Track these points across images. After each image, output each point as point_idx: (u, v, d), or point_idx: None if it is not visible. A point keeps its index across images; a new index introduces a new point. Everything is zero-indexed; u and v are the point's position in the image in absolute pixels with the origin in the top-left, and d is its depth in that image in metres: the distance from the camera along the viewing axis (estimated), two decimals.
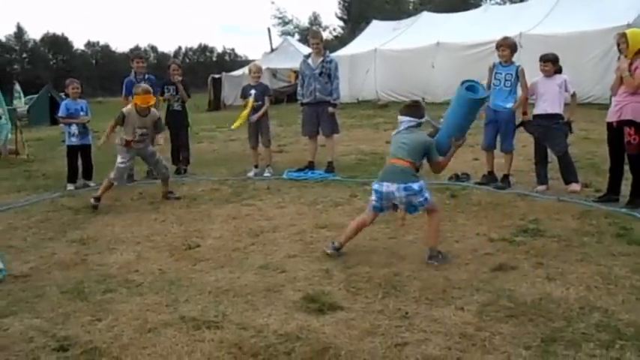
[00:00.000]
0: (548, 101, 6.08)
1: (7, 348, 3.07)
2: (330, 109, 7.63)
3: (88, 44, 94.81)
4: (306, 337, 2.99)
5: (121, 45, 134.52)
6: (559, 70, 6.15)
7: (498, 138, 6.50)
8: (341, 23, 56.66)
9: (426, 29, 20.42)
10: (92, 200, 6.29)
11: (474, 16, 20.96)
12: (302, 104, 7.95)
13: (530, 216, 5.18)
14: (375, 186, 4.21)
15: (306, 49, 26.58)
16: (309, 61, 7.73)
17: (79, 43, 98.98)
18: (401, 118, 4.33)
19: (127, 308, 3.52)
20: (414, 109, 4.39)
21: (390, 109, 17.37)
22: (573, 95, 6.24)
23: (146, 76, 8.03)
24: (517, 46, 6.51)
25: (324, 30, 56.41)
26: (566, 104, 6.19)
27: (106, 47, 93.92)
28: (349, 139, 11.13)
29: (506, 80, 6.30)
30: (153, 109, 6.64)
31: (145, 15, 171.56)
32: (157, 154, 6.75)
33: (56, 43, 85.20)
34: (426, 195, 4.11)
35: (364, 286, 3.64)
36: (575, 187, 6.00)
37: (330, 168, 7.71)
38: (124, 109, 6.52)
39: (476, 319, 3.11)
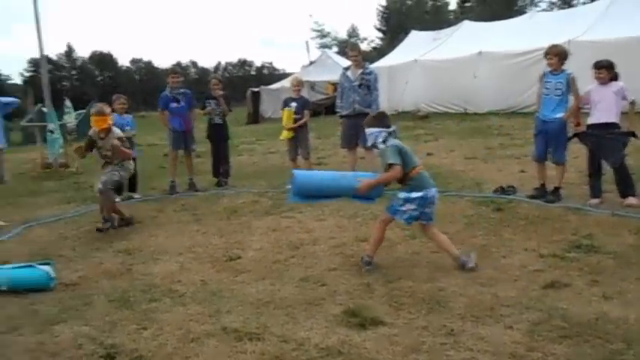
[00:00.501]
0: (604, 110, 5.83)
1: (58, 354, 3.16)
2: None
3: (133, 61, 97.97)
4: (347, 351, 2.96)
5: (163, 61, 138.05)
6: (615, 77, 5.89)
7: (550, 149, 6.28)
8: (379, 34, 56.69)
9: (468, 38, 20.14)
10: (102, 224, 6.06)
11: (519, 23, 20.46)
12: (341, 116, 7.96)
13: (583, 231, 4.93)
14: (421, 193, 4.15)
15: (344, 62, 26.74)
16: (349, 73, 7.75)
17: (124, 60, 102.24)
18: (377, 129, 4.38)
19: (171, 318, 3.57)
20: (384, 119, 4.50)
21: (431, 121, 17.23)
22: (632, 103, 5.90)
23: (182, 91, 8.19)
24: (567, 54, 6.26)
25: (362, 42, 56.69)
26: (623, 113, 5.91)
27: (149, 64, 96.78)
28: None
29: (556, 89, 6.07)
30: (113, 131, 6.26)
31: (186, 31, 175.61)
32: (115, 181, 6.29)
33: (103, 60, 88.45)
34: None
35: (407, 301, 3.59)
36: (632, 200, 5.72)
37: None
38: (90, 132, 6.34)
39: (526, 338, 3.00)
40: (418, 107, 20.03)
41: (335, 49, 52.27)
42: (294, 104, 7.95)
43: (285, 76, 42.44)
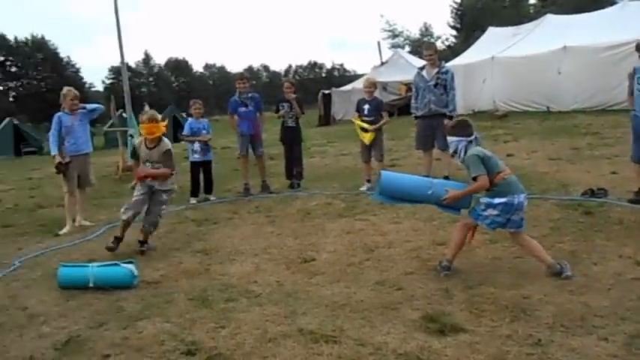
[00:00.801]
0: None
1: (142, 349, 3.26)
2: (447, 121, 7.40)
3: (206, 66, 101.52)
4: (427, 358, 2.87)
5: (235, 66, 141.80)
6: None
7: None
8: (454, 32, 55.34)
9: (551, 32, 19.13)
10: (110, 243, 5.45)
11: (608, 14, 19.18)
12: (416, 117, 7.81)
13: None
14: (504, 199, 3.93)
15: (416, 61, 26.36)
16: (424, 72, 7.60)
17: (198, 66, 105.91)
18: (456, 138, 4.23)
19: (248, 317, 3.61)
20: (466, 127, 4.25)
21: (510, 120, 16.61)
22: None
23: (250, 95, 8.34)
24: None
25: (435, 40, 55.58)
26: None
27: (222, 68, 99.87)
28: None
29: None
30: (164, 140, 5.64)
31: (258, 36, 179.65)
32: (163, 201, 5.71)
33: (178, 66, 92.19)
34: None
35: (489, 308, 3.43)
36: None
37: None
38: (135, 141, 5.90)
39: (623, 351, 2.78)
40: (496, 106, 19.37)
41: (407, 48, 51.60)
42: (366, 106, 7.90)
43: (356, 77, 42.42)
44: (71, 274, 4.53)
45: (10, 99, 65.95)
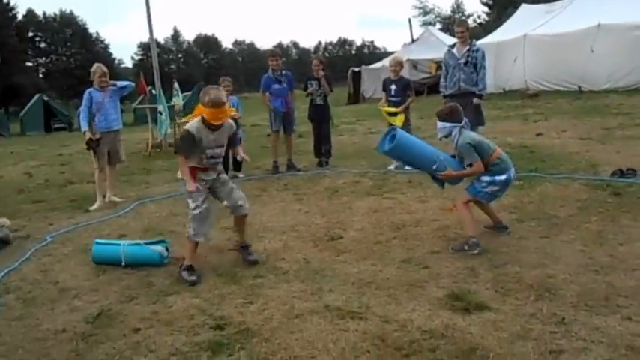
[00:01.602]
0: None
1: (172, 323, 3.37)
2: (476, 100, 7.31)
3: (235, 43, 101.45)
4: (451, 335, 2.90)
5: (265, 42, 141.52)
6: None
7: None
8: (486, 9, 54.16)
9: (585, 10, 18.56)
10: (186, 274, 4.16)
11: None
12: (444, 96, 7.73)
13: None
14: (504, 176, 4.25)
15: (448, 39, 25.94)
16: (454, 50, 7.48)
17: (227, 43, 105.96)
18: (449, 124, 4.43)
19: (276, 294, 3.69)
20: (458, 113, 4.46)
21: (541, 99, 16.31)
22: None
23: (283, 72, 8.36)
24: None
25: (467, 18, 54.49)
26: None
27: (252, 45, 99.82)
28: (495, 131, 10.57)
29: None
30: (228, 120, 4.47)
31: (287, 12, 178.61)
32: (230, 181, 4.72)
33: (207, 43, 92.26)
34: None
35: (514, 287, 3.44)
36: None
37: None
38: (193, 129, 4.23)
39: None
40: (527, 85, 19.01)
41: (438, 26, 50.81)
42: (393, 86, 7.85)
43: (386, 55, 42.02)
44: (104, 251, 4.67)
45: (40, 75, 67.09)
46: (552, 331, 2.84)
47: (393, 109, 7.80)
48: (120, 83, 7.40)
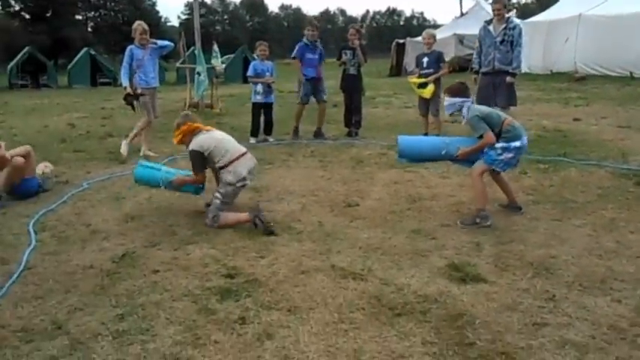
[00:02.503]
0: None
1: (188, 269, 3.63)
2: (509, 78, 7.22)
3: (282, 7, 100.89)
4: (443, 301, 3.05)
5: (312, 8, 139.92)
6: None
7: None
8: None
9: None
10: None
11: None
12: (476, 72, 7.67)
13: None
14: (518, 143, 4.32)
15: None
16: (490, 27, 7.38)
17: (273, 6, 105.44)
18: (459, 99, 4.53)
19: (286, 251, 3.90)
20: (467, 89, 4.58)
21: (587, 83, 15.90)
22: None
23: (317, 43, 8.52)
24: None
25: None
26: None
27: (298, 10, 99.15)
28: (532, 113, 10.49)
29: None
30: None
31: None
32: None
33: (254, 5, 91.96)
34: None
35: (514, 264, 3.55)
36: None
37: None
38: (195, 146, 4.63)
39: (632, 314, 2.86)
40: (576, 68, 18.42)
41: None
42: (425, 59, 7.86)
43: (435, 27, 41.08)
44: (146, 174, 4.99)
45: (89, 29, 68.29)
46: (540, 306, 2.96)
47: (421, 80, 7.83)
48: (160, 42, 7.61)
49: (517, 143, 4.31)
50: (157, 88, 7.60)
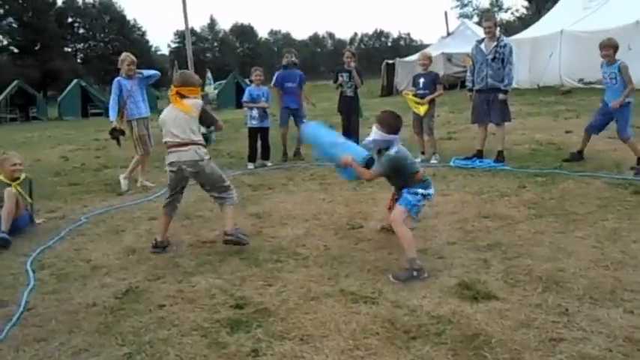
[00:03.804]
0: None
1: (194, 301, 3.58)
2: (501, 95, 7.32)
3: (271, 32, 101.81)
4: (457, 321, 3.03)
5: (300, 33, 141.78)
6: None
7: None
8: (525, 3, 53.22)
9: (624, 7, 18.13)
10: (242, 235, 4.64)
11: None
12: (470, 90, 7.76)
13: None
14: (431, 190, 4.15)
15: (483, 32, 25.60)
16: (482, 46, 7.50)
17: (263, 32, 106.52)
18: (391, 137, 4.09)
19: (294, 277, 3.86)
20: (399, 125, 4.23)
21: (574, 96, 16.08)
22: None
23: (295, 71, 8.80)
24: None
25: (505, 11, 54.04)
26: None
27: (287, 35, 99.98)
28: (524, 128, 10.59)
29: None
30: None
31: (324, 3, 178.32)
32: None
33: (243, 32, 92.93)
34: None
35: (523, 279, 3.54)
36: None
37: (499, 158, 7.44)
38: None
39: None
40: (562, 82, 18.71)
41: (475, 19, 50.15)
42: (421, 80, 7.93)
43: (422, 47, 41.71)
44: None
45: (78, 60, 68.70)
46: (555, 321, 2.94)
47: (417, 99, 7.91)
48: (147, 72, 7.54)
49: (431, 191, 4.12)
50: (148, 117, 7.52)
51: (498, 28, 7.68)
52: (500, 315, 3.06)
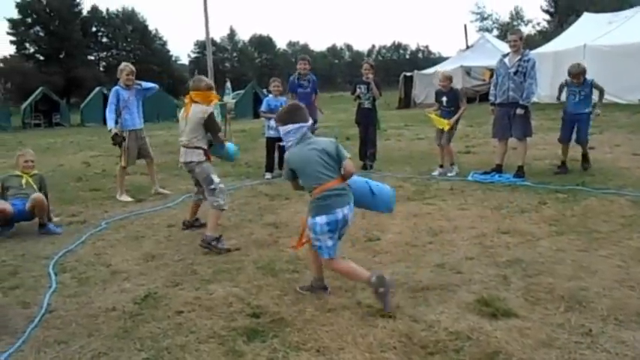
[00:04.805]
0: None
1: (212, 309, 3.58)
2: (519, 110, 7.25)
3: (290, 44, 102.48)
4: (476, 338, 2.98)
5: (318, 44, 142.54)
6: None
7: None
8: (546, 17, 52.77)
9: None
10: (222, 244, 4.86)
11: None
12: (492, 104, 7.71)
13: None
14: (326, 218, 3.43)
15: (503, 45, 25.46)
16: (506, 59, 7.46)
17: (281, 43, 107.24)
18: (288, 127, 3.65)
19: None
20: (299, 112, 3.71)
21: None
22: None
23: (308, 76, 8.75)
24: None
25: (526, 24, 53.61)
26: None
27: (305, 46, 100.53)
28: (545, 143, 10.48)
29: None
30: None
31: (342, 14, 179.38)
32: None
33: (262, 43, 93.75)
34: None
35: (544, 297, 3.47)
36: None
37: (519, 173, 7.35)
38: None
39: None
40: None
41: (495, 32, 49.93)
42: (444, 98, 7.93)
43: (440, 60, 41.62)
44: None
45: (101, 69, 69.84)
46: (578, 342, 2.88)
47: (443, 120, 7.88)
48: (145, 84, 7.53)
49: (324, 218, 3.46)
50: (142, 128, 7.47)
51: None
52: (521, 333, 3.00)
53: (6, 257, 4.96)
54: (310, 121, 3.82)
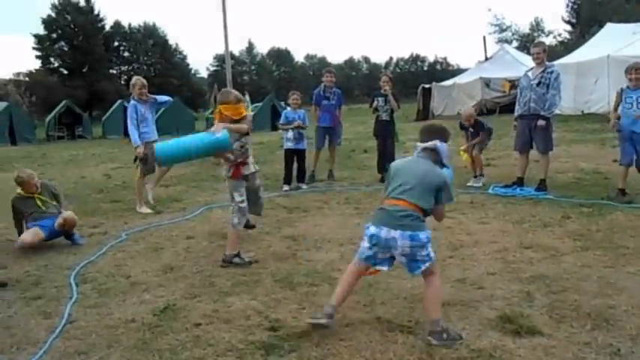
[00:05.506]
0: None
1: (230, 321, 3.56)
2: (540, 122, 7.14)
3: (307, 57, 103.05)
4: (499, 356, 2.90)
5: (336, 57, 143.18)
6: None
7: None
8: (568, 27, 52.18)
9: None
10: (239, 259, 4.80)
11: None
12: (515, 119, 7.64)
13: None
14: (373, 229, 3.36)
15: (523, 57, 25.30)
16: (529, 72, 7.41)
17: (299, 56, 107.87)
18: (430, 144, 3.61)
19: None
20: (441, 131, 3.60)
21: None
22: None
23: (333, 89, 8.86)
24: None
25: (547, 35, 53.07)
26: None
27: (323, 59, 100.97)
28: (568, 155, 10.33)
29: None
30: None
31: (360, 27, 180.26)
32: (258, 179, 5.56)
33: (280, 56, 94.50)
34: (430, 250, 3.33)
35: (570, 315, 3.38)
36: None
37: (541, 186, 7.24)
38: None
39: None
40: (609, 109, 18.24)
41: (515, 43, 49.58)
42: (471, 130, 8.31)
43: (459, 71, 41.42)
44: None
45: (122, 82, 70.98)
46: None
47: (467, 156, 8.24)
48: (160, 98, 7.60)
49: (372, 229, 3.36)
50: (157, 140, 7.51)
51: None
52: (546, 352, 2.92)
53: (29, 268, 5.00)
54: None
